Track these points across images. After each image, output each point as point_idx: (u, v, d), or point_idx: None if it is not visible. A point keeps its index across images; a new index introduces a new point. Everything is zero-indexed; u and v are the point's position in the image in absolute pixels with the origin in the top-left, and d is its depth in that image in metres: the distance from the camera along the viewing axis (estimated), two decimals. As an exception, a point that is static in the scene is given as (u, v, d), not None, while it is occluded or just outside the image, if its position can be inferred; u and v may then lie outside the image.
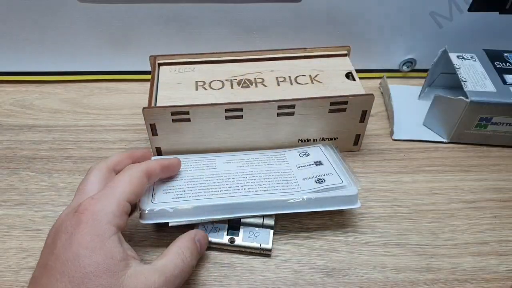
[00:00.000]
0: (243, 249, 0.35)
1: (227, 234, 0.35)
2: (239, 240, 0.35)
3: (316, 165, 0.38)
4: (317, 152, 0.41)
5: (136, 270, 0.27)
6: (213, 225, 0.35)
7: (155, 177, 0.34)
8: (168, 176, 0.36)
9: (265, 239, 0.35)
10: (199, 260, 0.34)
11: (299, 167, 0.38)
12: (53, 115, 0.49)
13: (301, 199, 0.34)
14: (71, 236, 0.26)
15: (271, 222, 0.35)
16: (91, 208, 0.27)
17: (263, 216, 0.35)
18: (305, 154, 0.40)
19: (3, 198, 0.40)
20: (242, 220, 0.35)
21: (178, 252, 0.30)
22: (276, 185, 0.36)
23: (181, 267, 0.29)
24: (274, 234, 0.36)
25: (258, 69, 0.44)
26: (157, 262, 0.29)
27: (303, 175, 0.37)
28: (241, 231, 0.35)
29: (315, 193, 0.35)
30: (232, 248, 0.35)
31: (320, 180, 0.36)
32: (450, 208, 0.39)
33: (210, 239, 0.34)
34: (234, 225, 0.35)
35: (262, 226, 0.35)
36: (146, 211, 0.33)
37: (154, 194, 0.35)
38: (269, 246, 0.34)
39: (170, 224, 0.34)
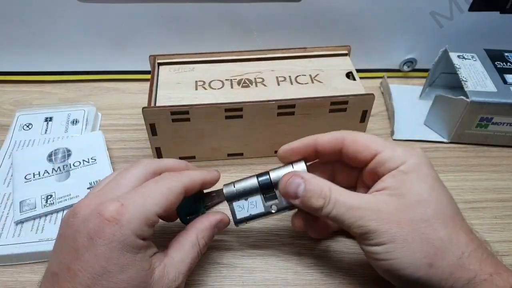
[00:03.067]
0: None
1: (266, 202, 0.32)
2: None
3: None
4: None
5: (160, 272, 0.27)
6: (247, 201, 0.32)
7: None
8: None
9: None
10: (199, 261, 0.34)
11: None
12: (53, 115, 0.49)
13: None
14: (95, 243, 0.25)
15: None
16: (119, 217, 0.25)
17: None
18: None
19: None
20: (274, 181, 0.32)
21: (194, 243, 0.30)
22: None
23: (196, 260, 0.30)
24: (274, 235, 0.36)
25: (258, 69, 0.44)
26: (174, 254, 0.29)
27: None
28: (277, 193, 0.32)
29: None
30: (276, 215, 0.32)
31: None
32: (451, 208, 0.39)
33: (252, 213, 0.32)
34: (268, 193, 0.32)
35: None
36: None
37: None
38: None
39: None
